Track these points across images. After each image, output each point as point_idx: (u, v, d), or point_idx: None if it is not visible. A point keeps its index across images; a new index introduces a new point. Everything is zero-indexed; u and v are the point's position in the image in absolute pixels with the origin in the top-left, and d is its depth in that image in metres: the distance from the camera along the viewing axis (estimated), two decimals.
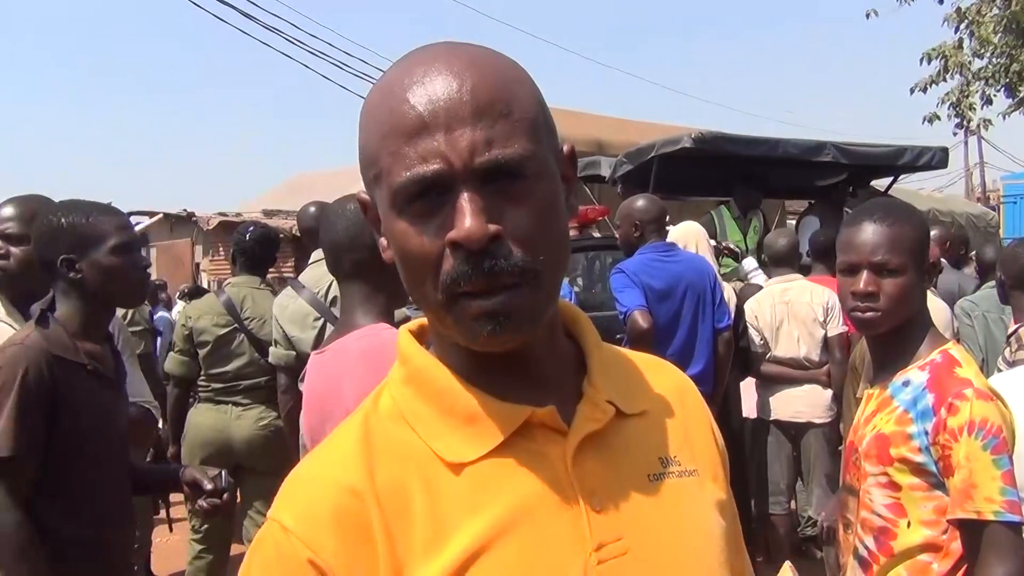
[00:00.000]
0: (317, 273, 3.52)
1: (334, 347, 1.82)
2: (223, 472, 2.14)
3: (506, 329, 0.74)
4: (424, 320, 0.86)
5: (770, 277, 4.69)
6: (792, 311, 4.36)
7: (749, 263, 5.43)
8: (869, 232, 1.82)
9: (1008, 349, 3.49)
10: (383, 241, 0.81)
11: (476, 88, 0.73)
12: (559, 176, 0.79)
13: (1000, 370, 3.50)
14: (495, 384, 0.79)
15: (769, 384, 4.42)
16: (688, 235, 4.54)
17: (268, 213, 10.73)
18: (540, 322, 0.78)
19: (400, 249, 0.76)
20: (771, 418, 4.40)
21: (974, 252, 6.73)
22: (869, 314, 1.82)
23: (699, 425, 0.92)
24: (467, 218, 0.71)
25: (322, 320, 3.40)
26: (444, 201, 0.72)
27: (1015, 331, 3.51)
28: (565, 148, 0.82)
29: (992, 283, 4.17)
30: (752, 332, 4.43)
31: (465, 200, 0.71)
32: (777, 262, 4.60)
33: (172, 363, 3.93)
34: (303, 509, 0.76)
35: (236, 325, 3.78)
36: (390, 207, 0.75)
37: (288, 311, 3.48)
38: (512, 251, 0.72)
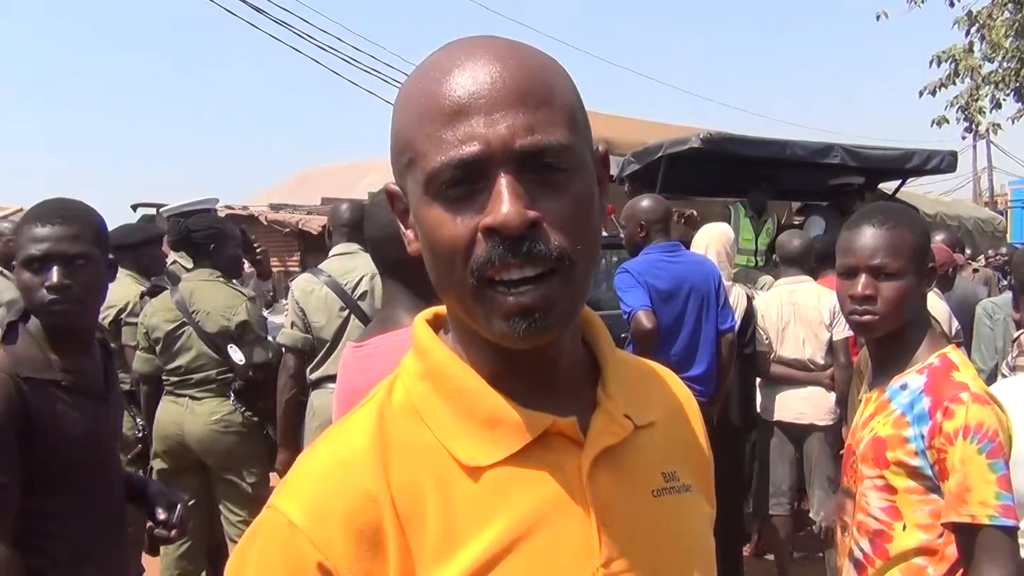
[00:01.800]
0: (344, 266, 3.61)
1: (375, 343, 1.75)
2: (181, 506, 2.05)
3: (540, 326, 0.71)
4: (441, 309, 0.84)
5: (780, 276, 4.68)
6: (799, 312, 4.35)
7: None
8: (868, 235, 1.82)
9: (1011, 354, 3.49)
10: (409, 234, 0.79)
11: (518, 74, 0.71)
12: (595, 174, 0.77)
13: (1003, 375, 3.50)
14: (515, 386, 0.77)
15: (773, 385, 4.41)
16: (703, 238, 4.54)
17: (275, 207, 10.72)
18: (572, 319, 0.76)
19: (431, 235, 0.73)
20: (774, 419, 4.39)
21: (991, 254, 6.80)
22: (867, 317, 1.82)
23: (696, 437, 0.93)
24: (504, 203, 0.68)
25: (347, 312, 3.48)
26: (480, 188, 0.70)
27: (1018, 336, 3.51)
28: (600, 149, 0.80)
29: None
30: (758, 331, 4.42)
31: (503, 185, 0.69)
32: (788, 263, 4.58)
33: (138, 361, 3.96)
34: (314, 506, 0.73)
35: (184, 319, 3.80)
36: (423, 192, 0.72)
37: (313, 297, 3.56)
38: (550, 238, 0.70)
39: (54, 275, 1.87)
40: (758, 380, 4.51)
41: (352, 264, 3.59)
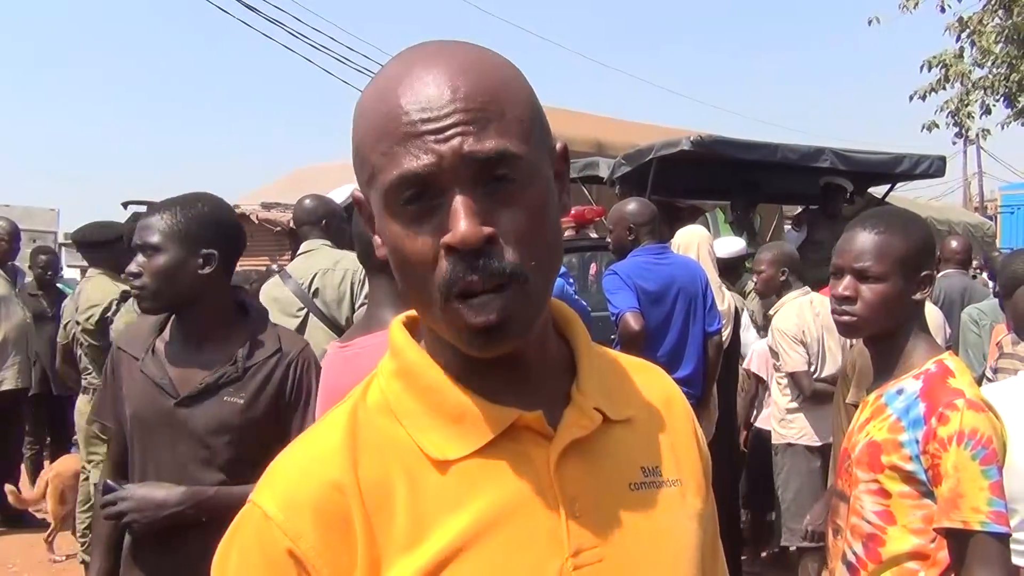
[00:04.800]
0: (304, 265, 3.66)
1: (360, 343, 1.76)
2: None
3: (498, 339, 0.74)
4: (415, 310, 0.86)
5: (793, 288, 4.41)
6: (827, 324, 4.01)
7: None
8: (857, 238, 1.85)
9: (993, 357, 3.53)
10: (377, 239, 0.81)
11: (470, 90, 0.73)
12: (552, 176, 0.79)
13: (988, 378, 3.53)
14: (485, 384, 0.79)
15: (818, 406, 4.06)
16: (691, 240, 4.54)
17: (267, 206, 10.73)
18: (531, 328, 0.78)
19: (395, 251, 0.76)
20: (819, 443, 4.09)
21: (979, 259, 6.89)
22: (845, 318, 1.85)
23: (684, 433, 0.92)
24: (461, 221, 0.71)
25: (305, 310, 3.53)
26: (437, 204, 0.72)
27: (999, 340, 3.55)
28: (558, 145, 0.82)
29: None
30: (799, 349, 4.10)
31: (459, 203, 0.71)
32: (798, 274, 4.41)
33: None
34: (285, 498, 0.76)
35: None
36: (383, 208, 0.75)
37: (275, 300, 3.63)
38: (505, 252, 0.72)
39: (132, 264, 2.09)
40: (792, 403, 4.24)
41: (311, 262, 3.64)
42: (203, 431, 2.03)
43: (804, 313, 4.18)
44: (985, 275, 6.33)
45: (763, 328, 5.12)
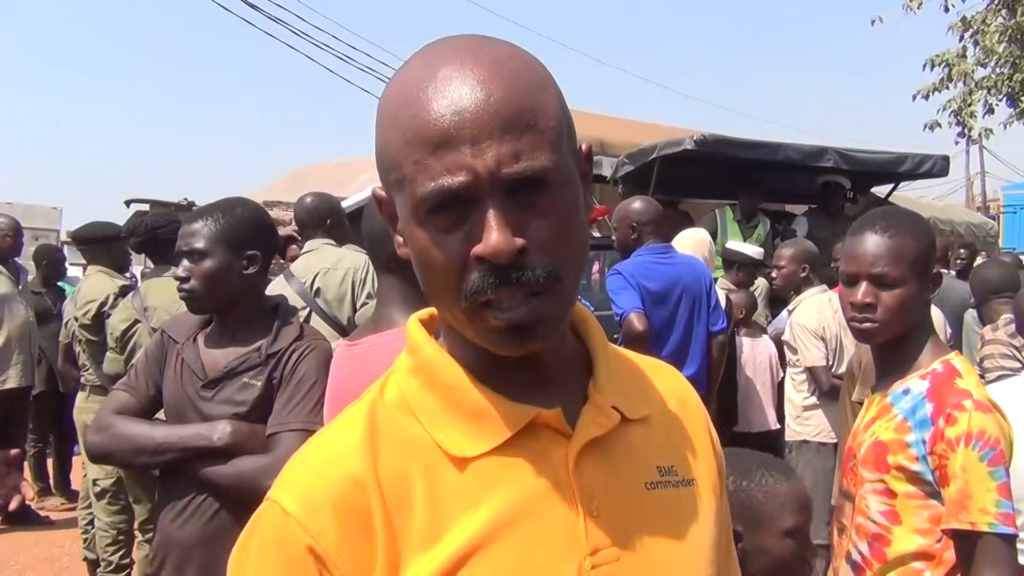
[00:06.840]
0: (305, 264, 3.67)
1: (369, 342, 1.76)
2: None
3: (530, 339, 0.75)
4: (435, 309, 0.86)
5: (813, 284, 4.47)
6: (843, 321, 4.08)
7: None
8: (870, 243, 1.82)
9: (977, 347, 3.59)
10: (399, 239, 0.81)
11: (503, 99, 0.71)
12: (579, 179, 0.79)
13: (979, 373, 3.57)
14: (503, 381, 0.79)
15: (835, 402, 4.04)
16: (683, 243, 4.53)
17: (269, 204, 10.71)
18: (561, 326, 0.79)
19: (421, 257, 0.75)
20: (834, 440, 4.08)
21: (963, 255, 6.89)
22: (866, 325, 1.83)
23: (698, 433, 0.93)
24: (494, 233, 0.71)
25: (307, 310, 3.54)
26: (468, 212, 0.72)
27: (982, 333, 3.60)
28: (583, 147, 0.82)
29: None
30: (819, 344, 4.15)
31: (491, 214, 0.71)
32: (816, 271, 4.43)
33: (106, 362, 3.97)
34: (305, 495, 0.76)
35: (138, 318, 3.80)
36: (411, 215, 0.74)
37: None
38: (537, 263, 0.73)
39: (179, 269, 2.21)
40: (810, 400, 4.25)
41: (313, 262, 3.65)
42: (222, 411, 2.13)
43: (824, 309, 4.23)
44: None
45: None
